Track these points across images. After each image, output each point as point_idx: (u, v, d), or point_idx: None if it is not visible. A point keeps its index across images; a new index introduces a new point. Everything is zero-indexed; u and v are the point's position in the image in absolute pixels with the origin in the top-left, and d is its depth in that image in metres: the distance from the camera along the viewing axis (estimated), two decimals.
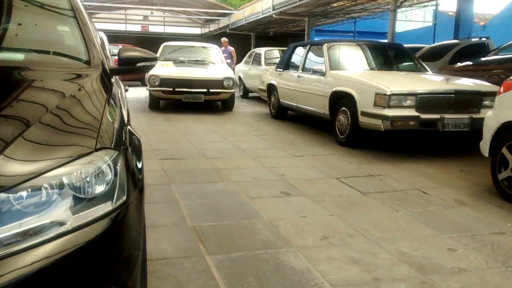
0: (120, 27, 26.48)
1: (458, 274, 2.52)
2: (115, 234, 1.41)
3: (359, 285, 2.39)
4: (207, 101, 9.52)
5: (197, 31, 30.29)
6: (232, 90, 9.42)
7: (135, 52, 2.52)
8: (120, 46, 3.01)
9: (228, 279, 2.41)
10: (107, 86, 2.11)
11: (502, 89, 4.01)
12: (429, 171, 4.87)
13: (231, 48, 14.38)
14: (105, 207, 1.38)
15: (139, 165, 1.75)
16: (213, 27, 26.92)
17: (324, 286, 2.36)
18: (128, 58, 2.48)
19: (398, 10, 13.27)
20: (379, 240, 3.00)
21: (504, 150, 3.84)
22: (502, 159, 3.87)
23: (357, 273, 2.51)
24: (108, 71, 2.41)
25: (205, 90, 9.13)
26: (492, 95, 5.49)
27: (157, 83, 9.07)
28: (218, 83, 9.22)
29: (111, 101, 1.94)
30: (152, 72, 8.59)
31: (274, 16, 16.20)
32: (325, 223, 3.27)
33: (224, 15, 23.51)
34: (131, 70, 2.53)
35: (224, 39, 14.49)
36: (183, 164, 4.96)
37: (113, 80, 2.46)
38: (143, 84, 17.22)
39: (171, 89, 9.05)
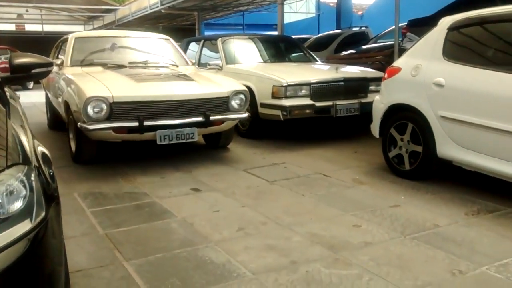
0: None
1: (365, 248, 2.75)
2: (38, 253, 1.35)
3: (278, 269, 2.50)
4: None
5: (80, 28, 28.68)
6: (245, 115, 5.09)
7: (28, 58, 2.38)
8: None
9: (150, 282, 2.39)
10: (2, 98, 1.97)
11: (386, 75, 4.39)
12: (328, 155, 5.19)
13: None
14: (25, 226, 1.32)
15: (52, 177, 1.68)
16: (97, 23, 25.72)
17: (246, 275, 2.45)
18: (22, 65, 2.33)
19: (284, 2, 13.78)
20: (290, 224, 3.15)
21: (392, 131, 4.22)
22: (391, 138, 4.25)
23: (275, 259, 2.63)
24: (0, 80, 2.24)
25: (200, 118, 4.67)
26: (376, 80, 5.97)
27: (103, 114, 4.29)
28: (223, 103, 4.89)
29: (11, 113, 1.82)
30: (91, 92, 4.31)
31: (162, 11, 15.93)
32: (239, 215, 3.36)
33: (108, 11, 22.57)
34: (25, 77, 2.38)
35: None
36: (81, 170, 4.74)
37: (6, 89, 2.30)
38: (24, 88, 15.98)
39: (136, 123, 4.38)
